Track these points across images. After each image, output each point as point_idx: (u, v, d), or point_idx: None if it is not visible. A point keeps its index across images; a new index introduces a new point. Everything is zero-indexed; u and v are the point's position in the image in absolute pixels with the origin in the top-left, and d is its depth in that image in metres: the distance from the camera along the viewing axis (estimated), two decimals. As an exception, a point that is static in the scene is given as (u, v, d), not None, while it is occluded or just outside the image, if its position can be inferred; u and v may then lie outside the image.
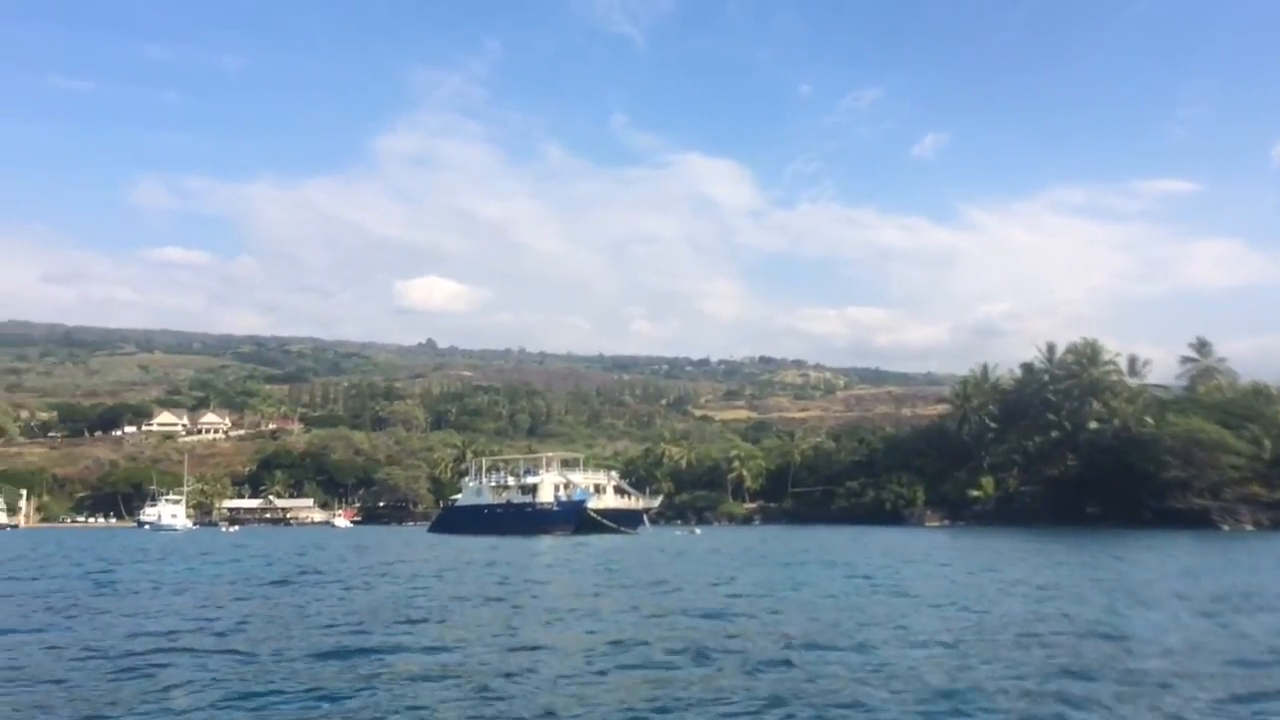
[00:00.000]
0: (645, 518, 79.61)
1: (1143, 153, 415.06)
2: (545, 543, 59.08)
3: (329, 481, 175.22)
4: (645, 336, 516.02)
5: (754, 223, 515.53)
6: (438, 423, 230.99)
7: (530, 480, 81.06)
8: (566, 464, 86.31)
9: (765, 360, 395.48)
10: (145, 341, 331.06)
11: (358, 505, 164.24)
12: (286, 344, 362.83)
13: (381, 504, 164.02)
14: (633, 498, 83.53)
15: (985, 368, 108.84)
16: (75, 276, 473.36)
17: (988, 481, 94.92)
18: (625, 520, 76.82)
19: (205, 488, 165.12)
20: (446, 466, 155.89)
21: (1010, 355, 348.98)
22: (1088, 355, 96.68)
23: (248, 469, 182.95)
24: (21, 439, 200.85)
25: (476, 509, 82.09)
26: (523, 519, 75.61)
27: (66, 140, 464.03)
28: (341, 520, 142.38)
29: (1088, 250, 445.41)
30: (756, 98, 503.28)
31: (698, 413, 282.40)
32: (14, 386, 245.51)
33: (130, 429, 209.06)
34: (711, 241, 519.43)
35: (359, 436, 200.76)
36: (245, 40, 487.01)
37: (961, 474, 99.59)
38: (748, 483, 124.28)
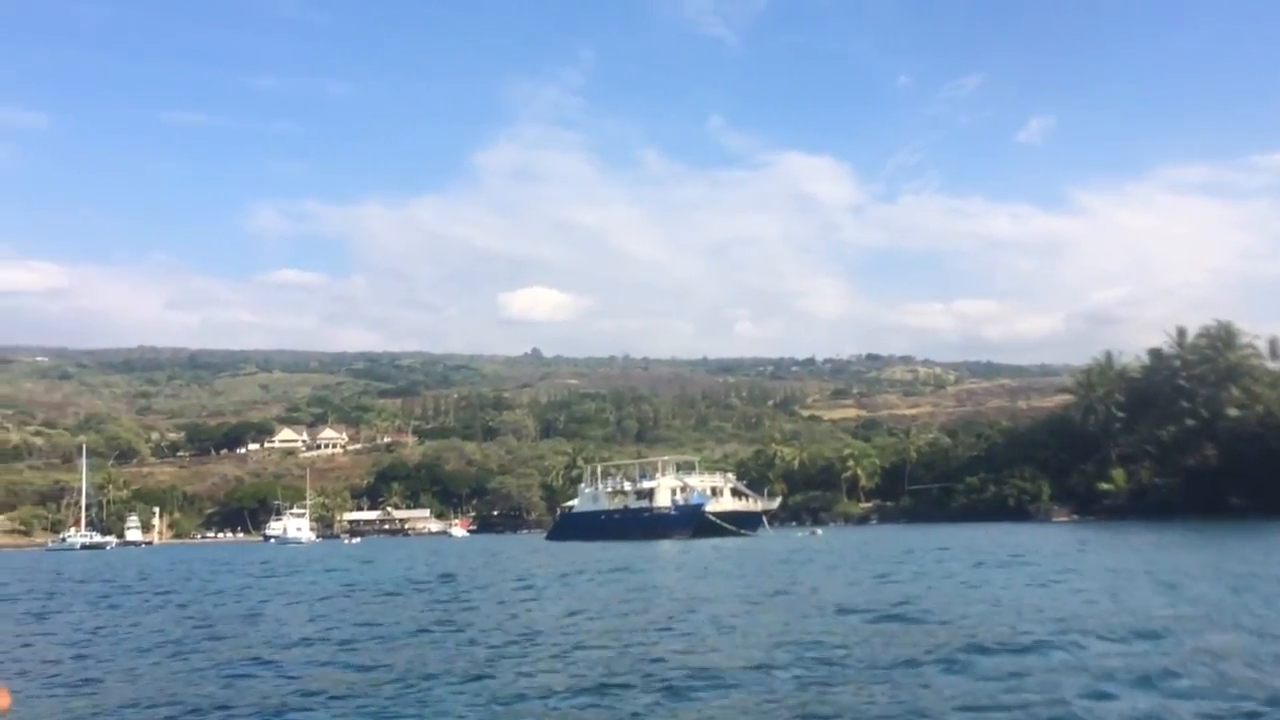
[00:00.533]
0: (764, 519, 77.98)
1: (1263, 125, 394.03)
2: (664, 547, 58.29)
3: (444, 492, 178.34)
4: (748, 338, 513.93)
5: (855, 218, 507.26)
6: (547, 431, 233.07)
7: (646, 485, 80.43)
8: (681, 467, 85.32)
9: (872, 357, 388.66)
10: (265, 362, 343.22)
11: (472, 515, 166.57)
12: (397, 359, 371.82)
13: (495, 513, 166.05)
14: (750, 500, 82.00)
15: (1109, 355, 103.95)
16: (198, 302, 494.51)
17: (1119, 474, 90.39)
18: (744, 523, 75.34)
19: (326, 501, 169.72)
20: (558, 474, 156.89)
21: (1128, 343, 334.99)
22: (1222, 339, 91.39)
23: (365, 482, 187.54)
24: (152, 459, 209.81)
25: (593, 515, 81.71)
26: (640, 524, 74.76)
27: (185, 172, 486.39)
28: (458, 530, 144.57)
29: (1208, 230, 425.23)
30: (854, 92, 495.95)
31: (805, 413, 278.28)
32: (144, 409, 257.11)
33: (254, 446, 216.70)
34: (812, 240, 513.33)
35: (471, 447, 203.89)
36: (348, 67, 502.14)
37: (1089, 466, 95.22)
38: (862, 481, 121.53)
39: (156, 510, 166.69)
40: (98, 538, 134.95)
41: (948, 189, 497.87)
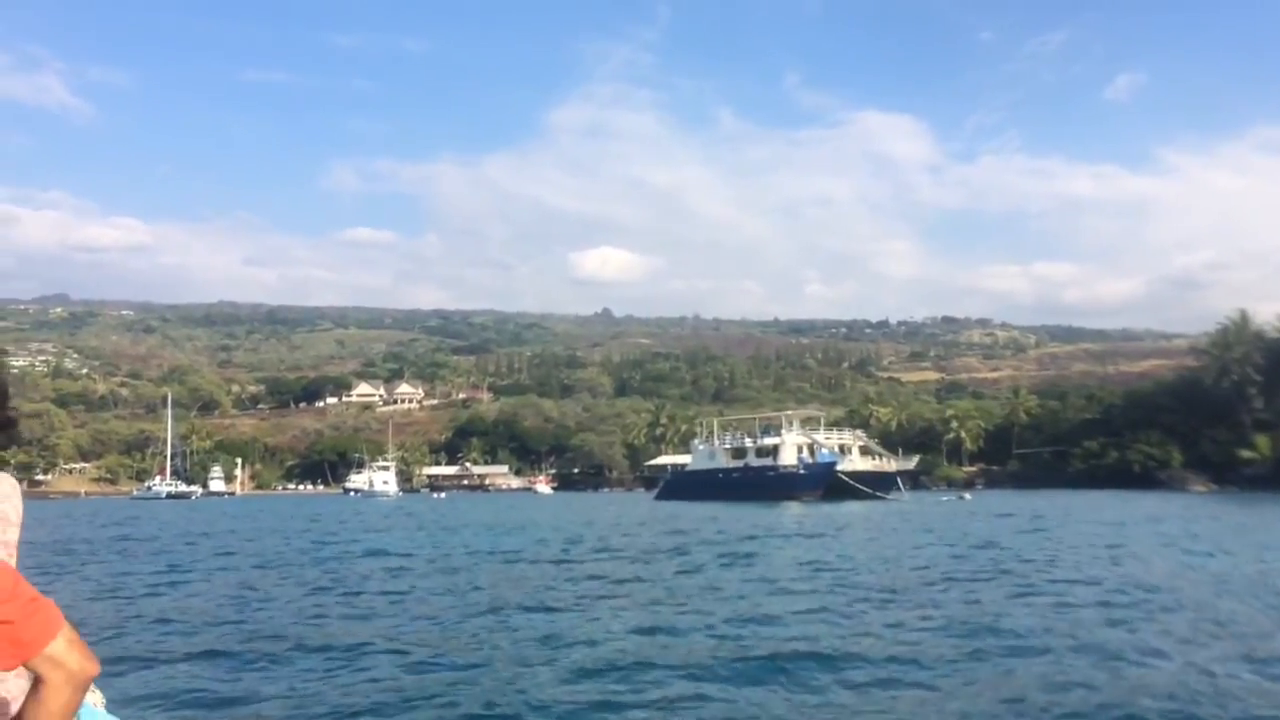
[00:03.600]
0: (898, 481, 72.64)
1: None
2: (794, 509, 54.02)
3: (521, 448, 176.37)
4: (820, 299, 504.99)
5: (933, 179, 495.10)
6: (622, 389, 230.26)
7: (769, 441, 75.24)
8: (806, 423, 79.96)
9: (948, 320, 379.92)
10: (340, 318, 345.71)
11: (552, 472, 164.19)
12: (469, 317, 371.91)
13: (576, 470, 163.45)
14: (883, 459, 76.42)
15: (1244, 314, 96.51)
16: (275, 259, 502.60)
17: (1263, 441, 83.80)
18: (878, 484, 70.30)
19: (405, 456, 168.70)
20: (640, 432, 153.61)
21: (1212, 308, 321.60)
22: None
23: (443, 437, 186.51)
24: (234, 411, 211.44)
25: (710, 474, 76.79)
26: (764, 483, 69.65)
27: (264, 131, 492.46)
28: (543, 487, 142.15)
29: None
30: (935, 49, 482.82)
31: (883, 375, 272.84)
32: (225, 363, 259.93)
33: (332, 400, 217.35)
34: (887, 200, 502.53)
35: (548, 404, 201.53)
36: (426, 23, 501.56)
37: (1223, 432, 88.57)
38: (967, 444, 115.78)
39: (239, 461, 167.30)
40: (183, 487, 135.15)
41: (1028, 149, 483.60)
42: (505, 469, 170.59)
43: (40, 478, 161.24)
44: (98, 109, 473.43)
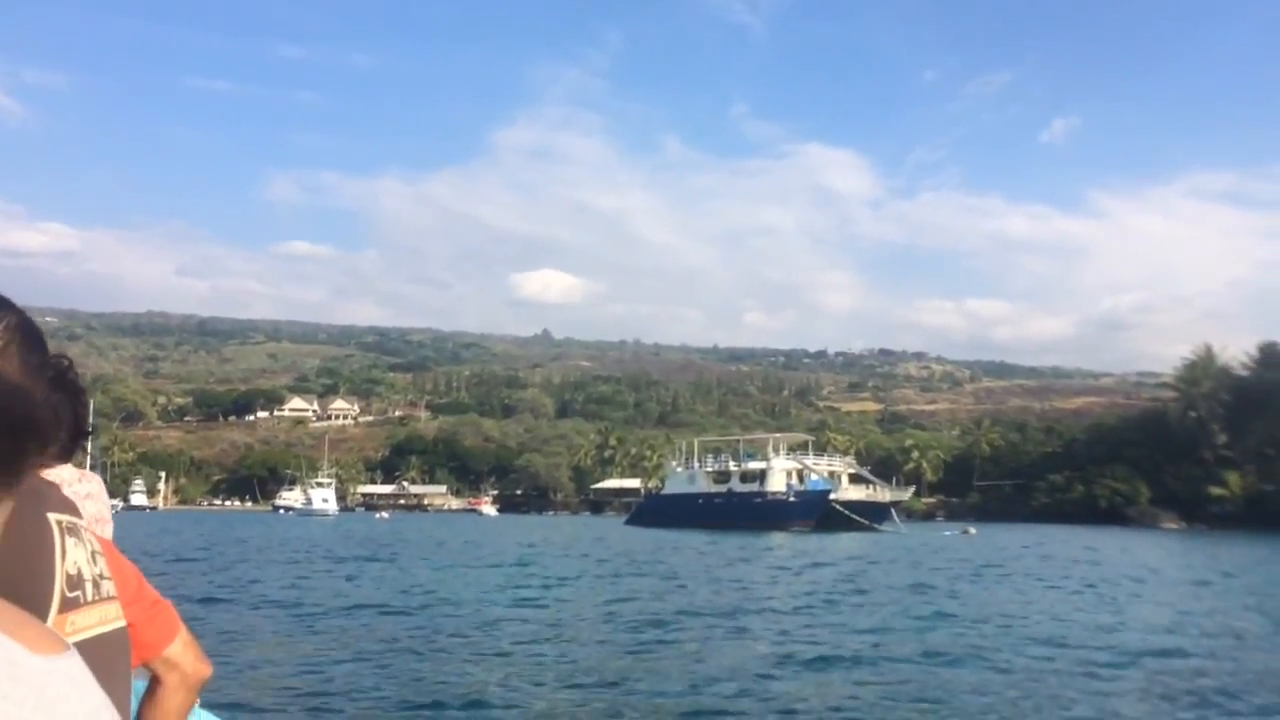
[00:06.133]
0: (893, 511, 68.43)
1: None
2: (779, 539, 50.25)
3: (461, 468, 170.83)
4: (759, 328, 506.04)
5: (873, 213, 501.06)
6: (563, 411, 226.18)
7: (754, 465, 70.77)
8: (795, 448, 75.55)
9: (885, 353, 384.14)
10: (273, 331, 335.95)
11: (494, 493, 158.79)
12: (407, 334, 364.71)
13: (519, 492, 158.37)
14: (876, 488, 72.05)
15: (1209, 349, 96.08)
16: (209, 269, 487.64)
17: (1234, 478, 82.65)
18: (873, 514, 66.33)
19: (340, 473, 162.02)
20: (587, 454, 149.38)
21: (1138, 350, 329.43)
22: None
23: (380, 454, 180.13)
24: (159, 423, 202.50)
25: (689, 499, 71.50)
26: (751, 510, 65.33)
27: (204, 139, 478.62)
28: (487, 508, 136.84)
29: (1230, 239, 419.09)
30: (880, 85, 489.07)
31: (823, 404, 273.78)
32: (152, 373, 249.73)
33: (263, 414, 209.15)
34: (829, 232, 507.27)
35: (489, 424, 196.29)
36: (375, 38, 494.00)
37: (1188, 468, 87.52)
38: (928, 475, 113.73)
39: (162, 475, 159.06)
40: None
41: (967, 186, 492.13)
42: (444, 489, 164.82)
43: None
44: (32, 111, 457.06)
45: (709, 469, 75.43)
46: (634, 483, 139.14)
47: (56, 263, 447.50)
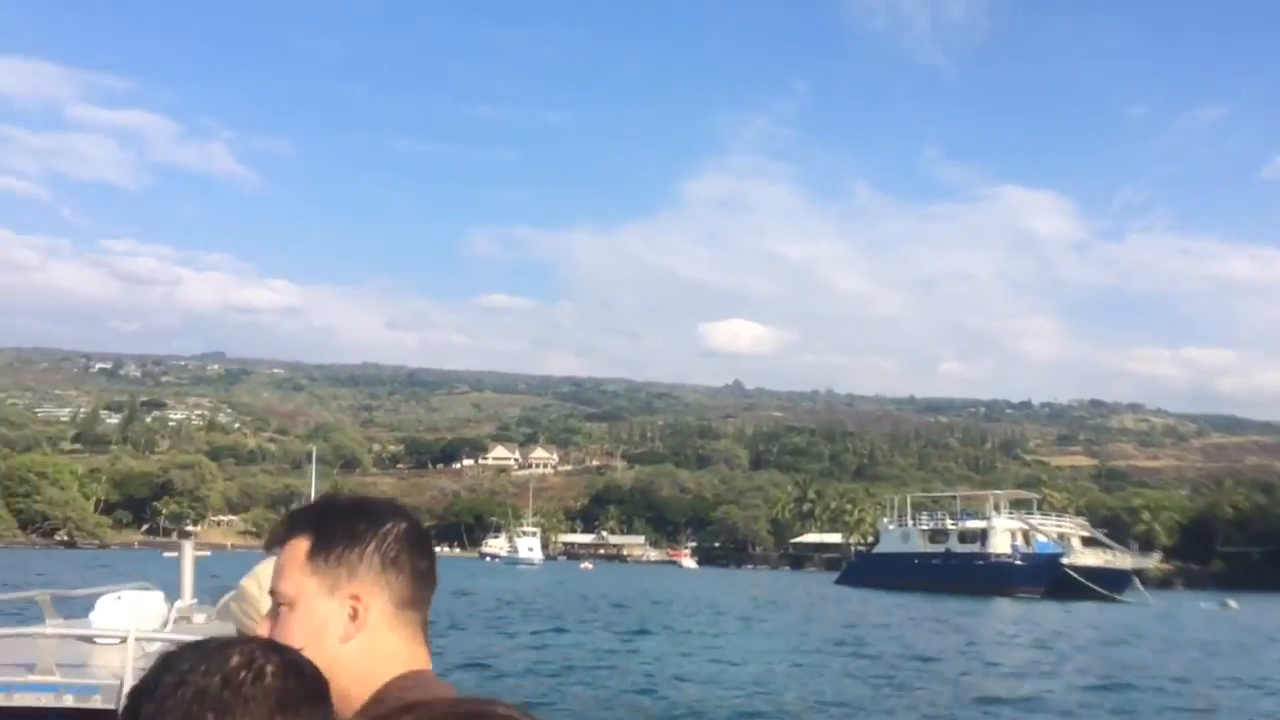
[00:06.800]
0: (1137, 580, 61.94)
1: None
2: (1008, 606, 47.16)
3: (658, 519, 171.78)
4: (956, 378, 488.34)
5: (1077, 256, 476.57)
6: (757, 462, 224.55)
7: (973, 524, 66.93)
8: (1017, 505, 71.60)
9: (1096, 404, 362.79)
10: (476, 382, 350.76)
11: (692, 545, 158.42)
12: (602, 384, 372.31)
13: (717, 544, 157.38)
14: (1114, 553, 65.93)
15: None
16: (416, 322, 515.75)
17: None
18: (1109, 582, 60.70)
19: (543, 521, 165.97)
20: (784, 507, 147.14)
21: None
22: None
23: (579, 504, 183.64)
24: (374, 470, 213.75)
25: (903, 558, 68.02)
26: (971, 573, 61.64)
27: (409, 198, 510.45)
28: (688, 561, 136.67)
29: None
30: (1081, 123, 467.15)
31: (1029, 457, 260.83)
32: (367, 422, 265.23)
33: (468, 462, 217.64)
34: (1029, 277, 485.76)
35: (684, 474, 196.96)
36: (567, 97, 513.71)
37: None
38: (1160, 539, 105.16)
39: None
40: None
41: (1179, 227, 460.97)
42: (642, 540, 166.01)
43: (190, 528, 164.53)
44: (260, 176, 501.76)
45: (923, 527, 71.71)
46: (835, 538, 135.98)
47: (282, 318, 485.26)
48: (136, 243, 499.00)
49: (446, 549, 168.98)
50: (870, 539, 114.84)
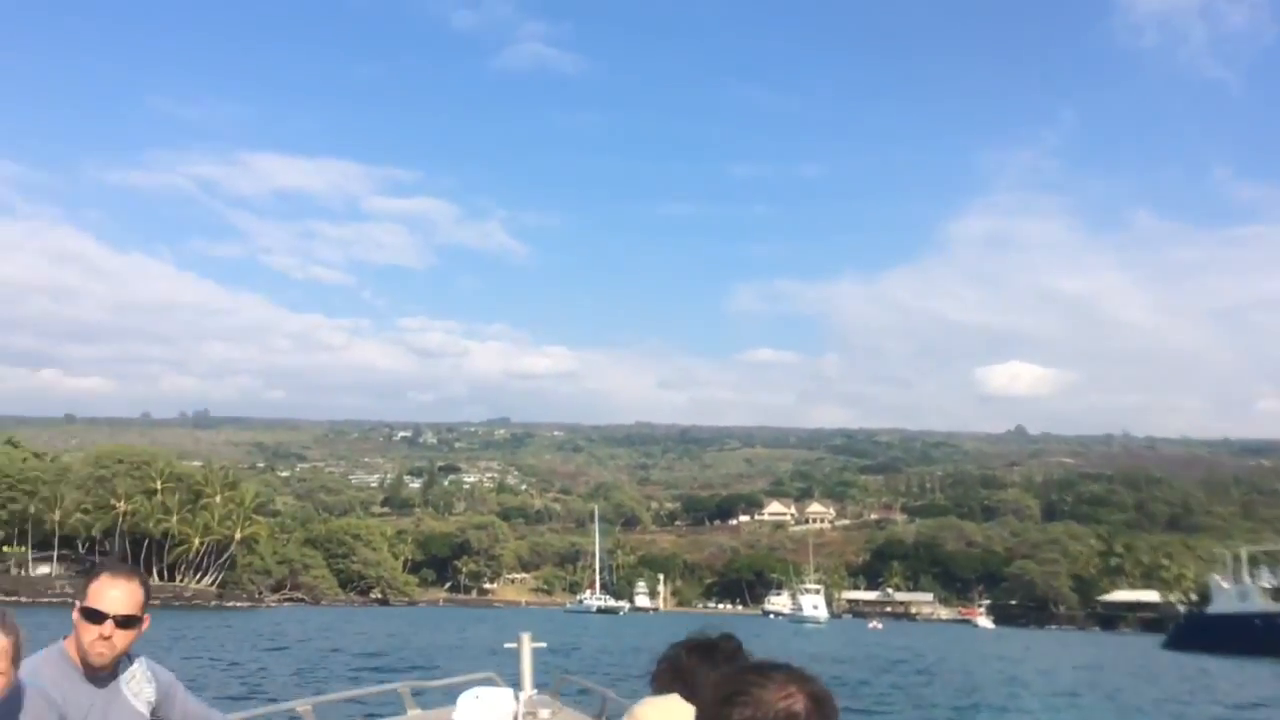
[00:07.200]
0: None
1: None
2: None
3: (945, 574, 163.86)
4: (1277, 416, 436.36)
5: None
6: (1050, 513, 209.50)
7: None
8: None
9: None
10: (747, 437, 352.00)
11: (986, 602, 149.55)
12: (874, 435, 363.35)
13: (1014, 602, 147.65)
14: None
15: None
16: (685, 380, 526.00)
17: None
18: None
19: (824, 578, 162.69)
20: (1089, 562, 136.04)
21: None
22: None
23: (860, 559, 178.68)
24: (653, 527, 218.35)
25: (1242, 620, 60.84)
26: None
27: (673, 260, 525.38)
28: (984, 620, 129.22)
29: None
30: None
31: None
32: (643, 480, 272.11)
33: (744, 518, 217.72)
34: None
35: (970, 527, 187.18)
36: (821, 149, 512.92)
37: None
38: None
39: (660, 577, 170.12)
40: (611, 601, 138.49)
41: None
42: (930, 597, 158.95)
43: (487, 586, 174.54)
44: (531, 249, 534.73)
45: (1265, 584, 63.68)
46: (1151, 595, 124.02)
47: (559, 382, 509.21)
48: (427, 319, 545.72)
49: (728, 605, 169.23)
50: (1194, 597, 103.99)
